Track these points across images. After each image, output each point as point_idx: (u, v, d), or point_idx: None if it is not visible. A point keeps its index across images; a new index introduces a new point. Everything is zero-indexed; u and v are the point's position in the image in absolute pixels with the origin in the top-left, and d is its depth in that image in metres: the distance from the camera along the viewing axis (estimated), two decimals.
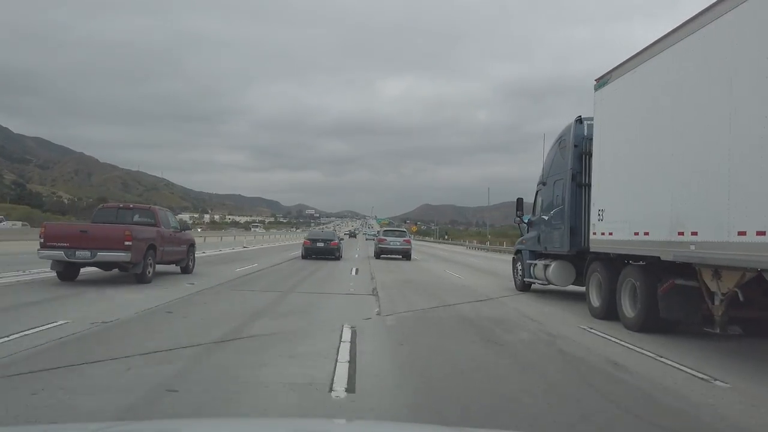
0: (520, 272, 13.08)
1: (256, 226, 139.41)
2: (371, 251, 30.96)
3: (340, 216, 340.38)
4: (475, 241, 63.24)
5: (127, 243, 10.97)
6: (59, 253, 10.94)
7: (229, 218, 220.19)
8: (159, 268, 12.89)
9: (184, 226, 15.56)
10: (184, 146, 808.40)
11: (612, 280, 8.48)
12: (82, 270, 11.98)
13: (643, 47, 7.99)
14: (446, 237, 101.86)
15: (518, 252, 13.49)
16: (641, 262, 8.00)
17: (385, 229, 31.96)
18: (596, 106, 9.37)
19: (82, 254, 10.87)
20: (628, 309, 7.98)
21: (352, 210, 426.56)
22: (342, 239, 31.57)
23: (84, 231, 11.25)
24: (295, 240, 53.50)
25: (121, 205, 13.57)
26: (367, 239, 66.15)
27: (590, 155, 9.76)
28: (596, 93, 9.32)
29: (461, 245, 64.69)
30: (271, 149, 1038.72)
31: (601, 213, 8.98)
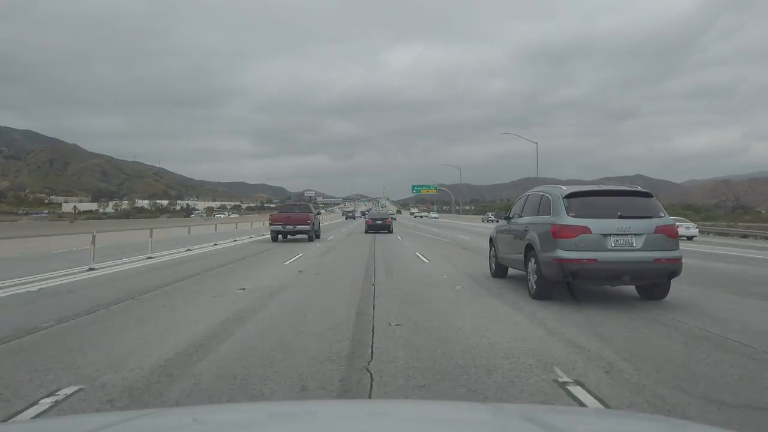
0: None
1: (221, 214, 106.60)
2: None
3: (350, 200, 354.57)
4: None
5: (308, 222, 26.02)
6: (279, 227, 25.98)
7: (192, 204, 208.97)
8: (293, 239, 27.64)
9: (317, 212, 30.72)
10: (184, 134, 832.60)
11: None
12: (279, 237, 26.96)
13: None
14: None
15: None
16: None
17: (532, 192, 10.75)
18: None
19: (289, 227, 25.91)
20: None
21: (361, 194, 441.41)
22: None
23: (289, 216, 26.15)
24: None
25: (293, 203, 28.65)
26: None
27: None
28: None
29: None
30: (275, 133, 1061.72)
31: None
